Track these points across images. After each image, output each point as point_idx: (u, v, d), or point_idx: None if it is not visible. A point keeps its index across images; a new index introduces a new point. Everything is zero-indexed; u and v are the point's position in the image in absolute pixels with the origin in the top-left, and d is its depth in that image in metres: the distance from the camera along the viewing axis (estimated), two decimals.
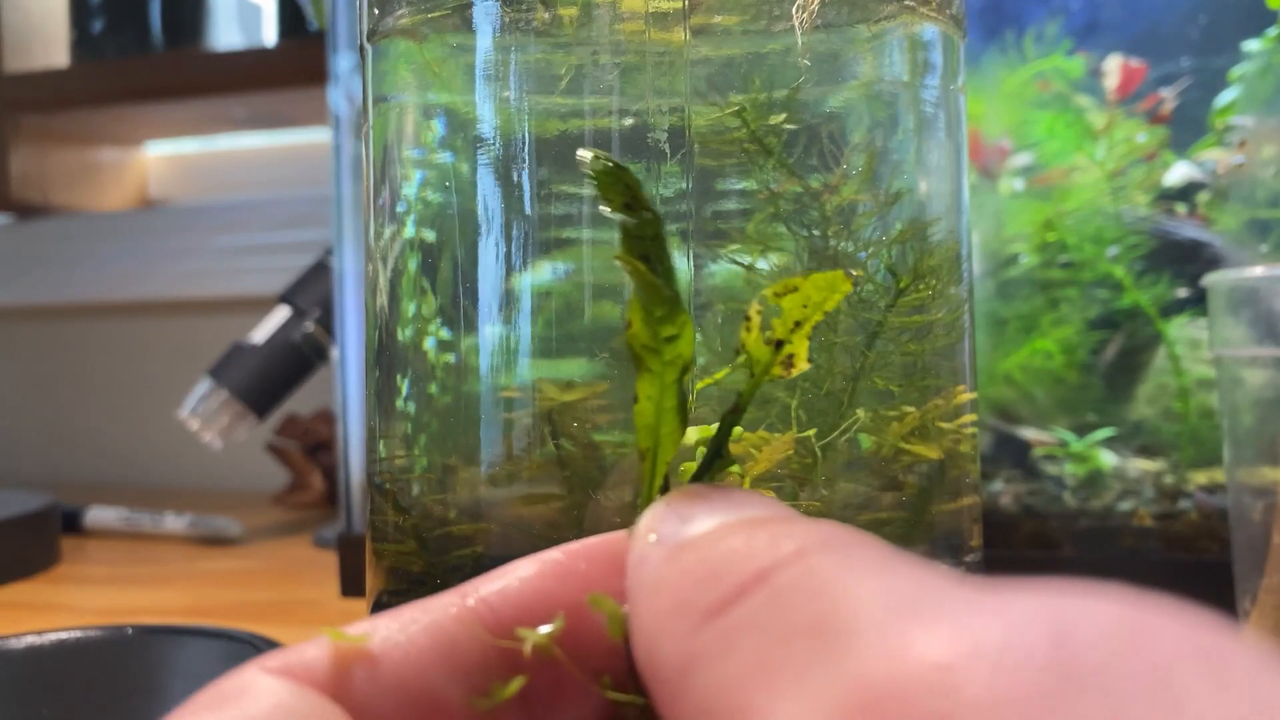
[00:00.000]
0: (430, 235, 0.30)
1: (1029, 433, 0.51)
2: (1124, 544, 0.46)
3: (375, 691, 0.14)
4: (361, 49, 0.32)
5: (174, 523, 0.71)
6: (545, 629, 0.15)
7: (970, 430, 0.31)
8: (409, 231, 0.30)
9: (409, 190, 0.30)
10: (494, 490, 0.28)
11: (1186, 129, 0.49)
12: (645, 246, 0.16)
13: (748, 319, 0.16)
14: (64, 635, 0.41)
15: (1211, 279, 0.36)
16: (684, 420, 0.16)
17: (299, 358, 0.70)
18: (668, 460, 0.16)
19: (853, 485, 0.28)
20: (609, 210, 0.16)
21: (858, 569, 0.11)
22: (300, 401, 0.80)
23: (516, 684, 0.14)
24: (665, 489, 0.16)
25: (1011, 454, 0.51)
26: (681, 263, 0.28)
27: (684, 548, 0.13)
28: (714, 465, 0.17)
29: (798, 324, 0.16)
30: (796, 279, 0.16)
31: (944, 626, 0.10)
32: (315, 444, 0.83)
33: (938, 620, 0.10)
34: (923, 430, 0.29)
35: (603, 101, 0.28)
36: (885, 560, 0.12)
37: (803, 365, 0.16)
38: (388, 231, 0.31)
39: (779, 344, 0.16)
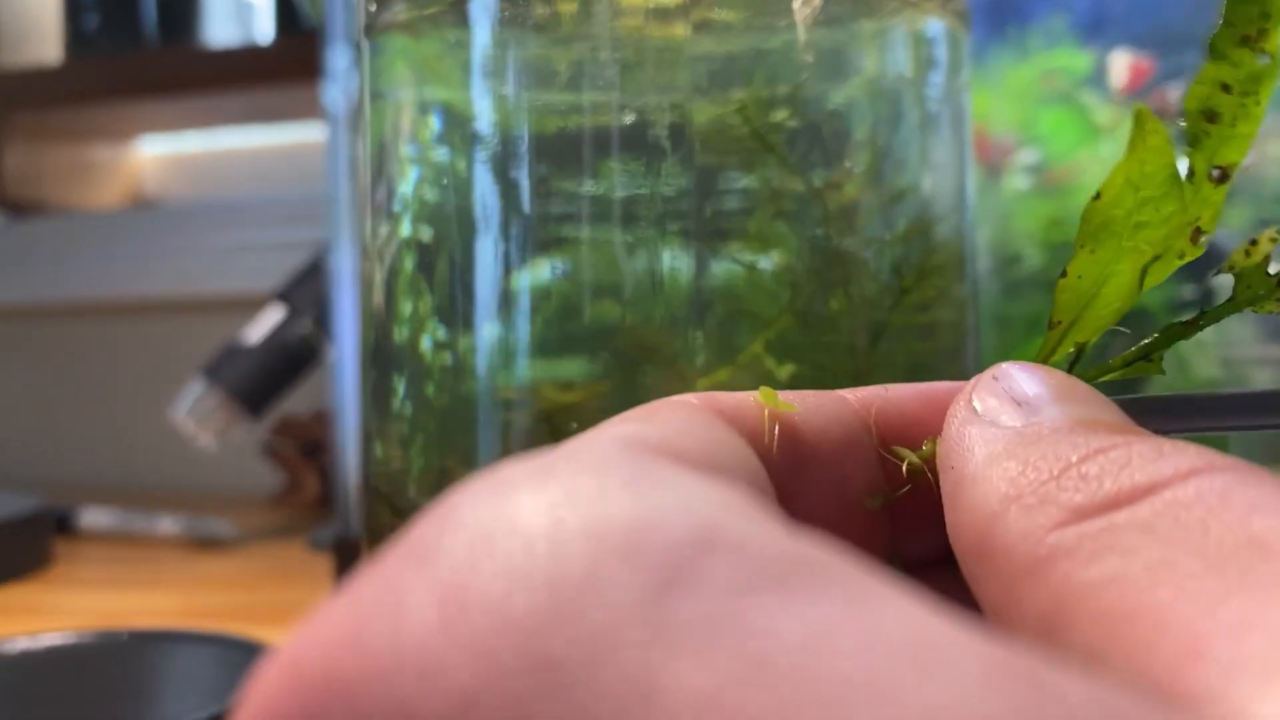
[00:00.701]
0: (427, 233, 0.29)
1: None
2: None
3: (792, 460, 0.15)
4: (358, 44, 0.32)
5: (168, 525, 0.71)
6: (922, 450, 0.15)
7: None
8: (406, 229, 0.30)
9: (406, 187, 0.30)
10: None
11: None
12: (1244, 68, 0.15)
13: (1254, 242, 0.16)
14: (58, 640, 0.40)
15: (1220, 278, 0.36)
16: (1121, 310, 0.16)
17: (295, 357, 0.70)
18: (1079, 341, 0.16)
19: None
20: None
21: (1266, 492, 0.11)
22: (296, 402, 0.79)
23: (904, 489, 0.15)
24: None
25: None
26: (684, 261, 0.27)
27: (1032, 438, 0.13)
28: (1135, 364, 0.17)
29: None
30: None
31: None
32: (311, 445, 0.83)
33: None
34: None
35: (602, 98, 0.28)
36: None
37: None
38: (384, 229, 0.30)
39: None
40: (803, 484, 0.15)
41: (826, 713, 0.08)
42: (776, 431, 0.15)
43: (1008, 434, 0.13)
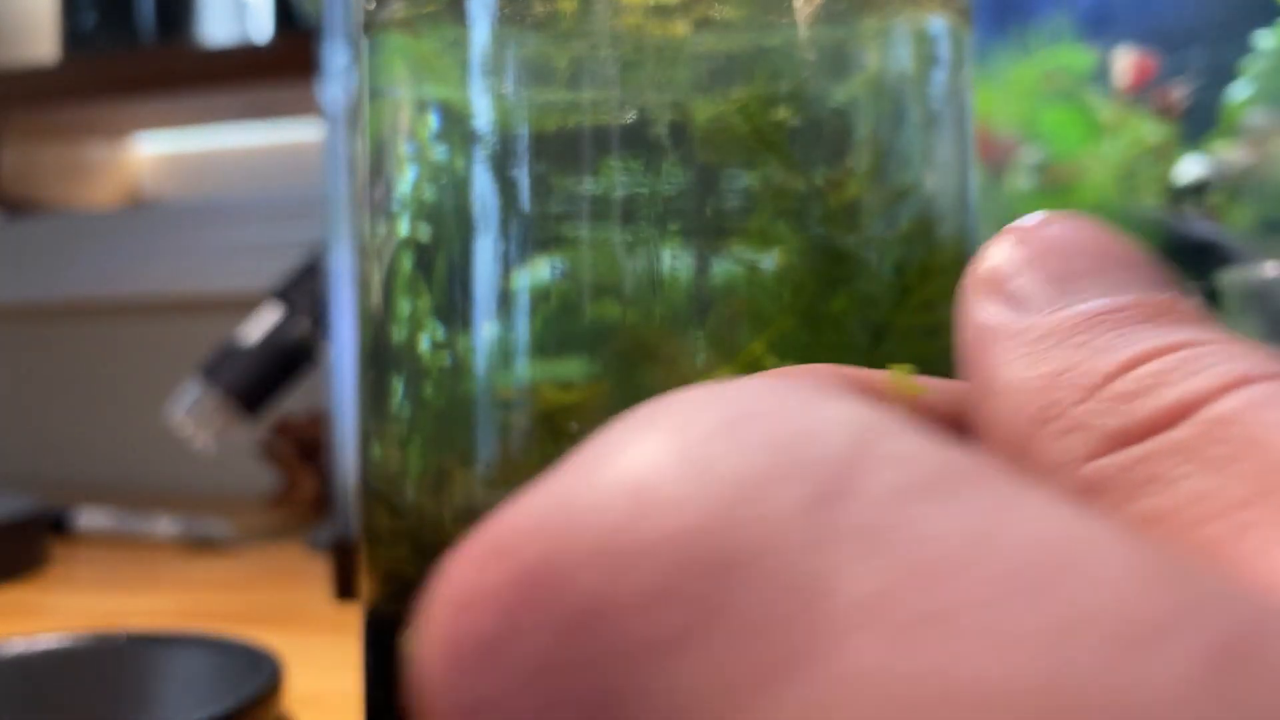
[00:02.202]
0: (425, 232, 0.29)
1: None
2: None
3: None
4: (356, 42, 0.31)
5: (165, 526, 0.70)
6: None
7: None
8: (404, 229, 0.30)
9: (404, 186, 0.30)
10: (491, 493, 0.28)
11: (1199, 123, 0.48)
12: None
13: None
14: (54, 642, 0.40)
15: (1224, 278, 0.36)
16: None
17: (293, 357, 0.69)
18: None
19: None
20: None
21: None
22: (294, 402, 0.79)
23: None
24: None
25: None
26: (685, 260, 0.27)
27: (1055, 336, 0.12)
28: None
29: None
30: None
31: None
32: (309, 446, 0.83)
33: None
34: None
35: (602, 96, 0.27)
36: None
37: None
38: (382, 228, 0.30)
39: None
40: None
41: (985, 613, 0.08)
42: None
43: (1027, 335, 0.12)
